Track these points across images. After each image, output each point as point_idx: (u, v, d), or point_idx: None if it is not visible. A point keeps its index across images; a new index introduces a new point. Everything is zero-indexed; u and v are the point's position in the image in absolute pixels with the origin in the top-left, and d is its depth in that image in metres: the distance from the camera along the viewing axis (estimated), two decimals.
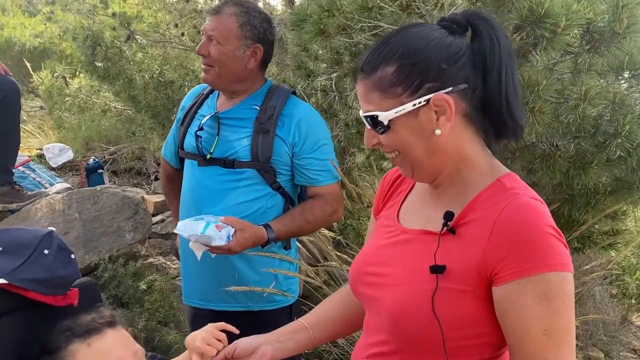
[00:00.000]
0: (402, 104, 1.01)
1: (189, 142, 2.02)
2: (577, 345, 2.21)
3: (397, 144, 1.04)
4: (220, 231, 1.74)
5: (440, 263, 1.00)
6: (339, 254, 2.99)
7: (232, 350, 1.25)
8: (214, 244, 1.73)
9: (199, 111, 2.05)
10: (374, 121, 1.04)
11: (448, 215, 1.03)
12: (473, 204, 1.03)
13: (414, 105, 1.01)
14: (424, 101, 1.00)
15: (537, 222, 0.94)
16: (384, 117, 1.02)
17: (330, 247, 2.91)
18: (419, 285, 1.02)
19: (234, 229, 1.81)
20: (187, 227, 1.75)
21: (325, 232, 3.04)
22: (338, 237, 3.12)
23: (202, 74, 1.95)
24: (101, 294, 1.71)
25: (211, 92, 2.08)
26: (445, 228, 1.03)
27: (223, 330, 1.31)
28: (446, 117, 1.01)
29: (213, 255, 1.88)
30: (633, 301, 5.24)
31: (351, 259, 2.82)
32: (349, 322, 1.33)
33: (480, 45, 1.02)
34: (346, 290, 1.34)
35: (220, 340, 1.27)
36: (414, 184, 1.22)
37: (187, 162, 2.06)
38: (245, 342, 1.26)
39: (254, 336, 1.28)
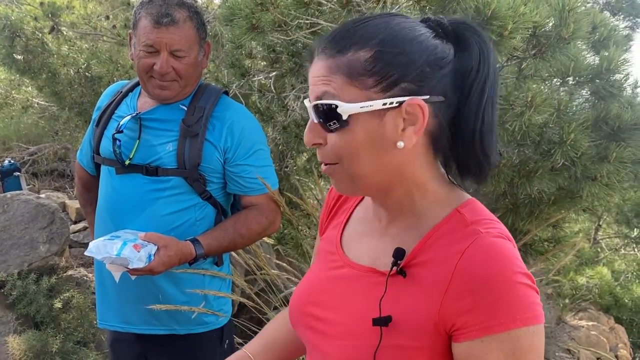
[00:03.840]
0: (370, 99, 0.83)
1: (105, 146, 1.80)
2: None
3: (346, 149, 0.85)
4: (139, 251, 1.54)
5: (387, 313, 0.84)
6: (278, 262, 2.84)
7: None
8: (131, 266, 1.53)
9: (116, 111, 1.83)
10: (328, 113, 0.84)
11: (398, 254, 0.86)
12: (427, 239, 0.87)
13: (384, 104, 0.83)
14: (396, 103, 0.83)
15: (505, 270, 0.79)
16: (346, 109, 0.82)
17: (268, 256, 2.75)
18: (363, 340, 0.86)
19: (156, 247, 1.61)
20: (100, 249, 1.54)
21: (265, 239, 2.87)
22: (277, 247, 2.96)
23: (157, 90, 1.72)
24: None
25: (131, 89, 1.87)
26: (394, 268, 0.87)
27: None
28: (415, 128, 0.84)
29: (133, 278, 1.67)
30: (567, 301, 5.39)
31: (289, 267, 2.67)
32: (299, 344, 1.14)
33: (467, 59, 0.86)
34: None
35: None
36: (360, 200, 1.05)
37: (103, 168, 1.84)
38: None
39: None
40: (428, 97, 0.84)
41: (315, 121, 0.87)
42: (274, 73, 2.49)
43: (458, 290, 0.80)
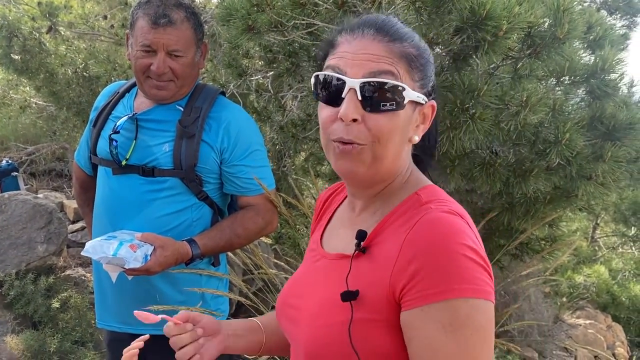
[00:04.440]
0: (415, 90, 0.90)
1: (102, 146, 1.81)
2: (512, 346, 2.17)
3: (388, 132, 0.87)
4: (135, 251, 1.54)
5: (353, 289, 0.87)
6: (276, 261, 2.85)
7: (199, 319, 1.10)
8: (127, 266, 1.54)
9: (113, 112, 1.84)
10: (388, 93, 0.86)
11: (360, 235, 0.91)
12: (386, 220, 0.92)
13: (424, 100, 0.91)
14: (424, 101, 0.92)
15: (447, 241, 0.81)
16: (410, 95, 0.88)
17: (266, 255, 2.76)
18: (333, 317, 0.89)
19: (152, 247, 1.62)
20: (97, 249, 1.54)
21: (263, 238, 2.88)
22: (274, 246, 2.97)
23: (154, 90, 1.72)
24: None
25: (128, 90, 1.87)
26: (357, 249, 0.91)
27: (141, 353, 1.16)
28: (424, 126, 0.94)
29: (130, 278, 1.68)
30: (565, 299, 5.42)
31: (287, 266, 2.68)
32: None
33: None
34: None
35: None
36: (340, 203, 1.10)
37: (100, 169, 1.85)
38: (210, 319, 1.11)
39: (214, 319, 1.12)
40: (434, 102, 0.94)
41: (359, 98, 0.87)
42: (271, 73, 2.49)
43: (404, 261, 0.83)
